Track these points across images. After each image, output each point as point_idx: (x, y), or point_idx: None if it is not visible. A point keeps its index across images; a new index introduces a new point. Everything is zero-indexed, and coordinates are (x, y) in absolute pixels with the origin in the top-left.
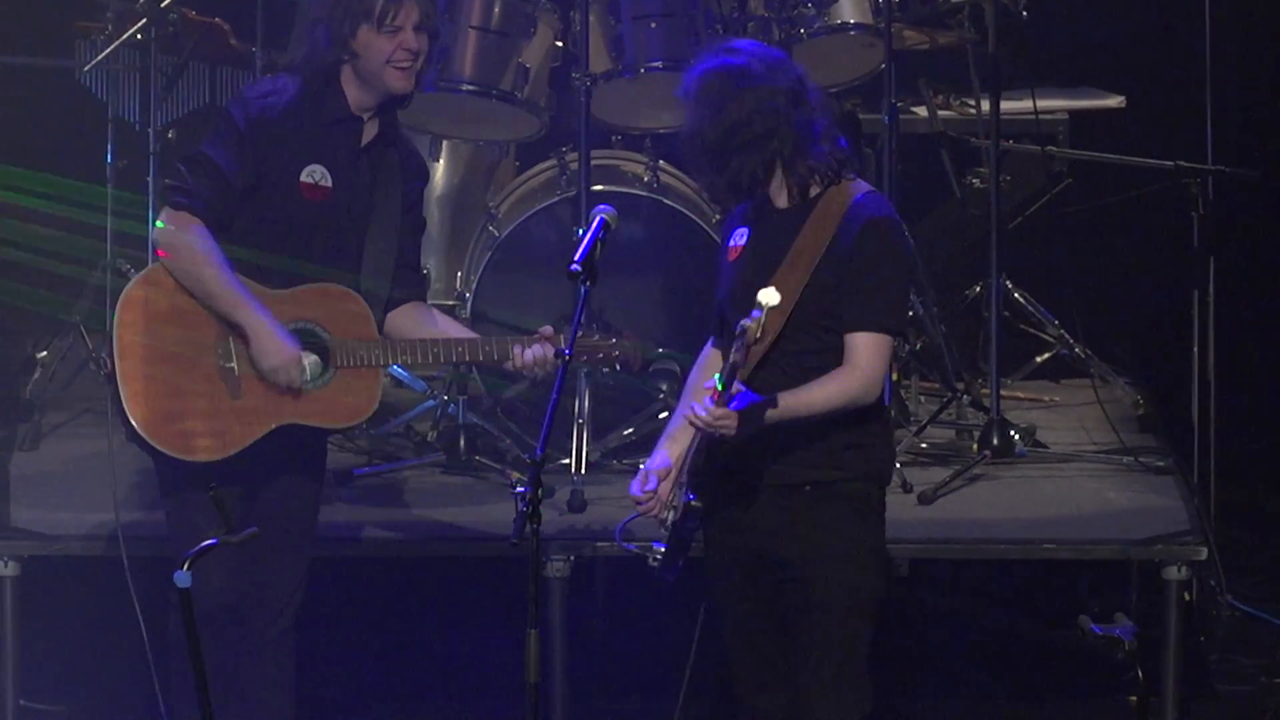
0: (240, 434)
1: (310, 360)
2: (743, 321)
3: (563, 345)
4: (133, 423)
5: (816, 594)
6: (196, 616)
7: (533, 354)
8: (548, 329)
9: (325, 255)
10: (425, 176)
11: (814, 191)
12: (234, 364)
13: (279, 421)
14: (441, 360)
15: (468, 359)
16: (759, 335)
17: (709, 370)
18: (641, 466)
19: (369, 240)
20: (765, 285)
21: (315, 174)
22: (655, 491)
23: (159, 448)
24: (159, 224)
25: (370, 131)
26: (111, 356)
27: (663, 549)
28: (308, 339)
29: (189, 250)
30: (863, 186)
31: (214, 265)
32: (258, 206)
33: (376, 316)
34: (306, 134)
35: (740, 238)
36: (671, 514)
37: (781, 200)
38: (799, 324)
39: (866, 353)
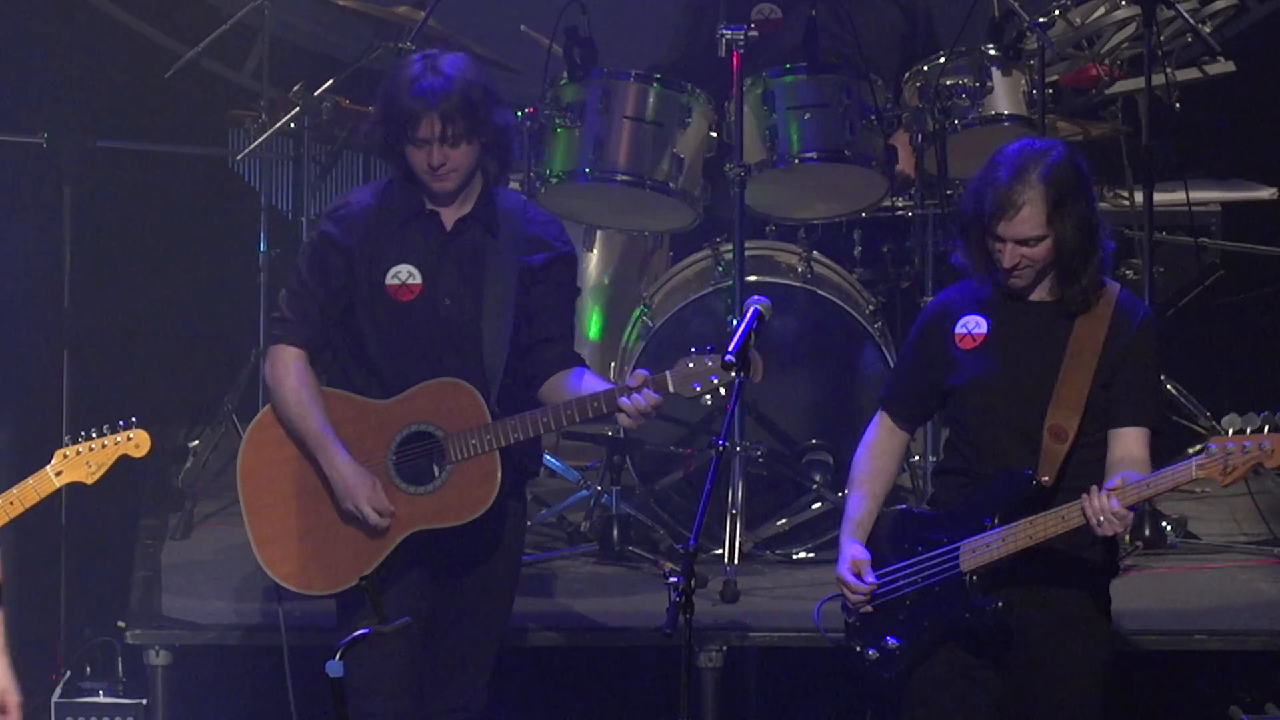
0: (369, 554)
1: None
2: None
3: (651, 389)
4: (254, 552)
5: (1073, 675)
6: (364, 712)
7: (635, 402)
8: (640, 373)
9: (438, 351)
10: (550, 248)
11: (1074, 290)
12: None
13: (404, 533)
14: (551, 427)
15: (577, 419)
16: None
17: (882, 454)
18: (845, 554)
19: (484, 323)
20: (1023, 376)
21: (401, 274)
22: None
23: (279, 581)
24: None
25: (454, 216)
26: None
27: (873, 652)
28: (421, 440)
29: (281, 390)
30: (1116, 284)
31: (302, 404)
32: (356, 320)
33: (495, 397)
34: (384, 237)
35: (976, 326)
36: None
37: (1039, 294)
38: (1088, 419)
39: (1141, 447)
